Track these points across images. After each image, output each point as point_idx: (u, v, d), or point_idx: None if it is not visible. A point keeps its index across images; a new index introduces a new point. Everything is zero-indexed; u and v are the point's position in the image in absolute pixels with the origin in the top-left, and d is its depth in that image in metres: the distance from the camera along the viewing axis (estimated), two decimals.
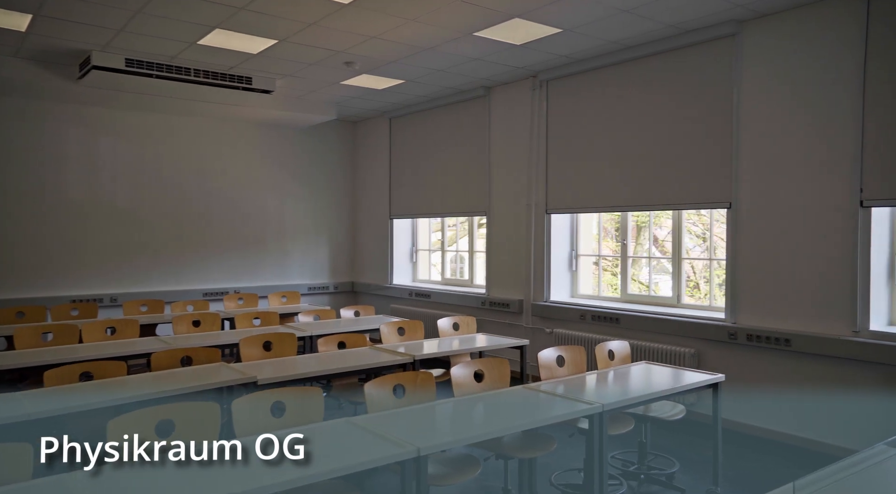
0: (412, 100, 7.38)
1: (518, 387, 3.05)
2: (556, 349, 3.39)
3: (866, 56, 3.91)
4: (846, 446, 4.04)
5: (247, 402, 2.33)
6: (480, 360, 3.07)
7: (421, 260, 8.32)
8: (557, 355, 3.38)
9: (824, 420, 4.15)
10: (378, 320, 5.53)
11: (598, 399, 2.81)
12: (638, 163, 5.27)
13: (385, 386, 2.72)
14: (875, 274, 3.99)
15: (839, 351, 4.03)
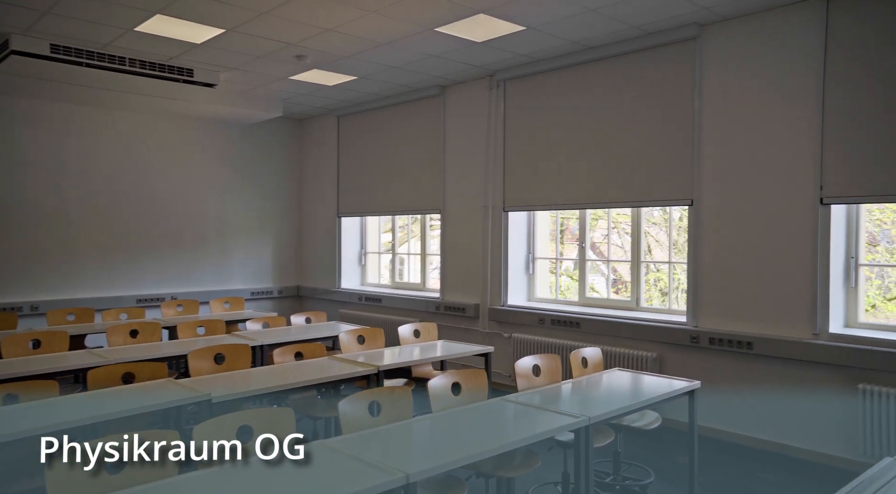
0: (363, 97, 7.13)
1: (497, 399, 2.89)
2: (534, 357, 3.26)
3: (825, 59, 3.98)
4: (809, 449, 4.10)
5: (210, 428, 2.06)
6: (458, 372, 2.90)
7: (370, 263, 8.06)
8: (534, 364, 3.24)
9: (787, 422, 4.20)
10: (331, 327, 5.27)
11: (583, 411, 2.68)
12: (599, 161, 5.23)
13: (359, 402, 2.50)
14: (833, 275, 4.07)
15: (800, 354, 4.08)
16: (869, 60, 3.84)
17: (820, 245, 4.04)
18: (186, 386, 3.07)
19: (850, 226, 4.13)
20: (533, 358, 3.25)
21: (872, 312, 4.26)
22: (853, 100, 3.90)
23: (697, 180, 4.60)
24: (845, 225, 4.13)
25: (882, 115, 3.79)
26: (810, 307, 4.09)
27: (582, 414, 2.62)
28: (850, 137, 3.91)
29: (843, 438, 3.95)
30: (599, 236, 5.90)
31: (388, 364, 3.72)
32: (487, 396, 2.95)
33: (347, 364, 3.73)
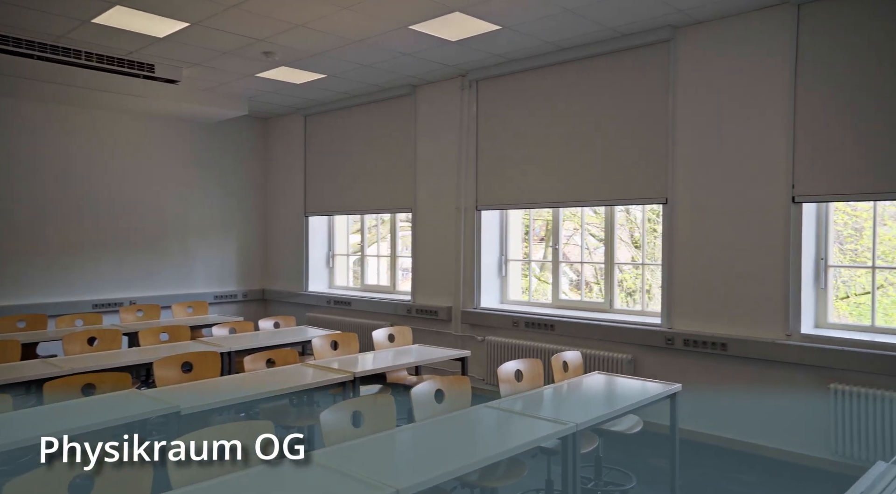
0: (332, 96, 6.98)
1: (481, 406, 2.81)
2: (516, 362, 3.19)
3: (796, 62, 4.04)
4: (782, 448, 4.14)
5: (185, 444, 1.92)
6: (442, 379, 2.81)
7: (338, 265, 7.91)
8: (517, 368, 3.18)
9: (760, 422, 4.24)
10: (302, 332, 5.12)
11: (570, 417, 2.63)
12: (573, 161, 5.22)
13: (341, 412, 2.39)
14: (804, 276, 4.12)
15: (773, 355, 4.12)
16: (838, 63, 3.91)
17: (792, 245, 4.09)
18: (153, 397, 2.90)
19: (820, 227, 4.20)
20: (515, 363, 3.19)
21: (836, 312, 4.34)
22: (823, 100, 3.96)
23: (672, 179, 4.62)
24: (815, 225, 4.19)
25: (851, 116, 3.86)
26: (783, 307, 4.14)
27: (569, 421, 2.56)
28: (821, 137, 3.97)
29: (816, 437, 4.01)
30: (565, 238, 5.88)
31: (364, 370, 3.61)
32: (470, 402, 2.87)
33: (322, 370, 3.60)
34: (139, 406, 2.74)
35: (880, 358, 3.73)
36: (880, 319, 4.12)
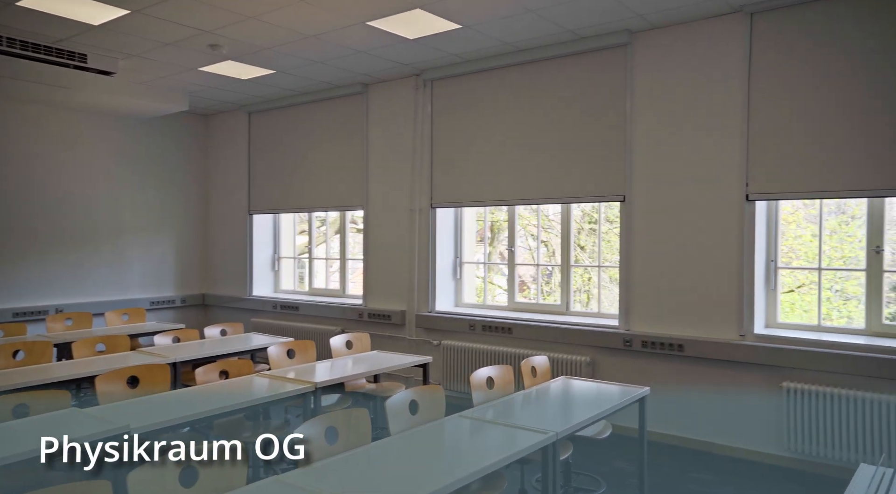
0: (279, 93, 6.73)
1: (455, 416, 2.71)
2: (489, 369, 3.11)
3: (750, 67, 4.15)
4: (737, 446, 4.24)
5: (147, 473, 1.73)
6: (415, 390, 2.69)
7: (284, 268, 7.63)
8: (488, 375, 3.10)
9: (716, 422, 4.32)
10: (250, 339, 4.88)
11: (547, 425, 2.57)
12: (530, 159, 5.19)
13: (314, 428, 2.23)
14: (756, 276, 4.23)
15: (728, 355, 4.22)
16: (789, 68, 4.04)
17: (745, 245, 4.20)
18: (97, 417, 2.65)
19: (770, 229, 4.32)
20: (487, 370, 3.11)
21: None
22: (775, 103, 4.08)
23: (629, 177, 4.66)
24: (766, 228, 4.31)
25: (801, 119, 4.00)
26: (737, 308, 4.24)
27: (549, 430, 2.50)
28: (773, 139, 4.09)
29: (769, 435, 4.12)
30: (515, 239, 5.87)
31: (325, 380, 3.45)
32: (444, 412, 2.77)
33: (280, 381, 3.42)
34: (83, 427, 2.49)
35: (829, 357, 3.86)
36: (799, 317, 4.29)
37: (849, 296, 4.29)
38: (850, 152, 3.84)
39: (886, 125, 3.72)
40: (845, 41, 3.84)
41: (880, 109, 3.74)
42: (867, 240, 4.03)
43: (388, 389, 4.16)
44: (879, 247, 3.97)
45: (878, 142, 3.75)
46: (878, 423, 3.68)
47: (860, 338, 3.96)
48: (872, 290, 4.00)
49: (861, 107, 3.80)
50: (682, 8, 4.18)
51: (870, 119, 3.77)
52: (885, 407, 3.66)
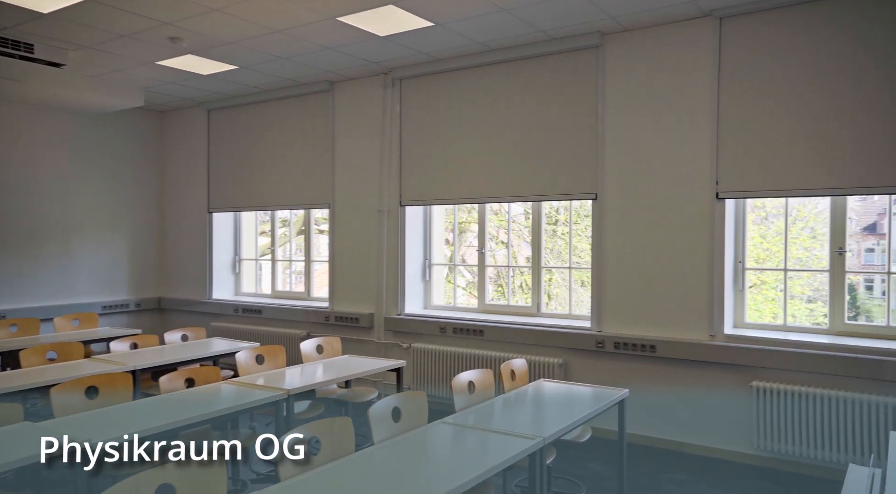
0: (240, 90, 6.52)
1: (438, 423, 2.64)
2: (470, 373, 3.05)
3: (720, 69, 4.20)
4: (707, 445, 4.29)
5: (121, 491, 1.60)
6: (398, 396, 2.60)
7: (246, 270, 7.40)
8: (469, 380, 3.03)
9: (687, 422, 4.36)
10: (214, 345, 4.69)
11: (533, 430, 2.52)
12: (502, 158, 5.16)
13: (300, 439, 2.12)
14: (726, 277, 4.29)
15: (699, 355, 4.26)
16: (757, 71, 4.11)
17: (715, 245, 4.25)
18: (55, 431, 2.46)
19: (738, 229, 4.39)
20: (469, 374, 3.04)
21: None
22: (744, 105, 4.15)
23: (601, 176, 4.67)
24: (734, 229, 4.37)
25: (769, 119, 4.07)
26: (707, 308, 4.29)
27: (535, 435, 2.45)
28: (743, 139, 4.15)
29: (740, 434, 4.18)
30: (469, 240, 5.84)
31: (298, 387, 3.32)
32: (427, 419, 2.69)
33: (249, 389, 3.27)
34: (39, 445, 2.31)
35: (796, 356, 3.94)
36: (752, 316, 4.38)
37: (793, 295, 4.40)
38: (815, 153, 3.93)
39: (850, 126, 3.82)
40: (811, 46, 3.93)
41: (845, 111, 3.83)
42: (830, 241, 4.13)
43: (361, 394, 4.05)
44: (842, 249, 4.07)
45: (843, 143, 3.85)
46: (845, 421, 3.77)
47: (824, 338, 4.06)
48: (836, 291, 4.10)
49: (826, 110, 3.89)
50: (654, 10, 4.21)
51: (835, 120, 3.87)
52: (850, 405, 3.75)
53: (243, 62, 5.50)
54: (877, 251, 4.29)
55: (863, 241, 4.32)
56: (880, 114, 3.73)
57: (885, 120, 3.72)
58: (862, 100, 3.78)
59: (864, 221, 4.32)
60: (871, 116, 3.76)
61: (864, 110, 3.77)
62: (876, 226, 4.32)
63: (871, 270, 4.15)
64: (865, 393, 3.75)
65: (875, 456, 3.48)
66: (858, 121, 3.80)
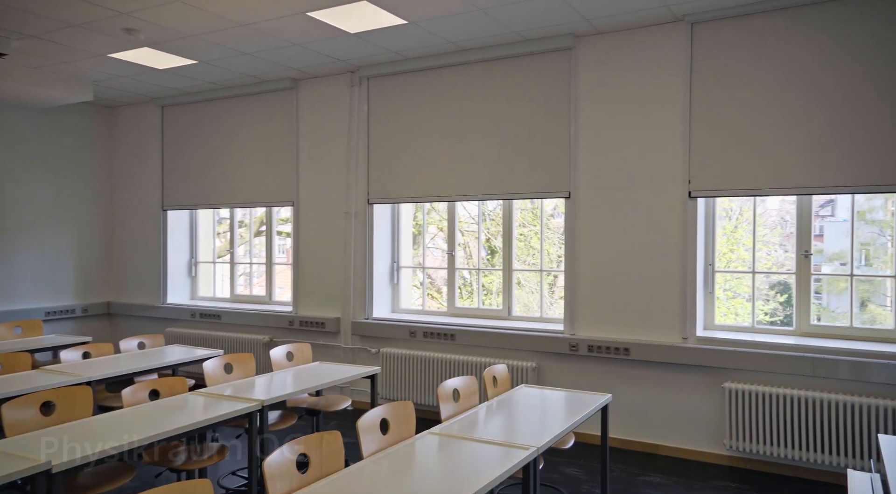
0: (198, 86, 6.26)
1: (426, 434, 2.54)
2: (455, 381, 2.96)
3: (691, 70, 4.25)
4: (680, 446, 4.32)
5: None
6: (385, 407, 2.49)
7: (203, 273, 7.12)
8: (454, 388, 2.94)
9: (661, 424, 4.39)
10: (173, 352, 4.45)
11: (524, 439, 2.46)
12: (473, 157, 5.09)
13: (285, 455, 1.99)
14: (698, 279, 4.34)
15: (672, 357, 4.29)
16: (728, 74, 4.16)
17: (687, 246, 4.29)
18: (7, 453, 2.26)
19: (708, 233, 4.44)
20: (454, 382, 2.95)
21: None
22: (715, 107, 4.20)
23: (574, 175, 4.66)
24: (704, 231, 4.42)
25: (740, 120, 4.13)
26: (680, 310, 4.32)
27: (529, 445, 2.38)
28: (713, 140, 4.20)
29: (713, 435, 4.23)
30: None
31: (272, 397, 3.16)
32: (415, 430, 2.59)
33: (219, 399, 3.09)
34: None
35: (766, 357, 4.01)
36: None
37: (737, 294, 4.51)
38: (784, 153, 4.01)
39: (817, 128, 3.91)
40: (779, 51, 4.01)
41: (813, 113, 3.92)
42: (797, 243, 4.22)
43: (333, 402, 3.91)
44: (808, 252, 4.17)
45: (810, 144, 3.93)
46: (815, 420, 3.85)
47: (792, 339, 4.14)
48: (802, 292, 4.20)
49: (795, 111, 3.97)
50: (629, 14, 4.22)
51: (802, 122, 3.95)
52: (819, 405, 3.84)
53: (204, 57, 5.27)
54: (814, 253, 4.43)
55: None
56: (843, 116, 3.83)
57: (848, 122, 3.82)
58: (826, 103, 3.88)
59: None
60: (835, 118, 3.86)
61: (829, 112, 3.87)
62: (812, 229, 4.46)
63: (836, 273, 4.27)
64: (834, 392, 3.84)
65: (874, 460, 3.56)
66: (823, 123, 3.89)
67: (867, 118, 3.78)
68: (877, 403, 3.69)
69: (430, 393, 5.15)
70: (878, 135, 3.75)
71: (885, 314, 4.10)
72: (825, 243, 4.34)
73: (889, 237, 4.10)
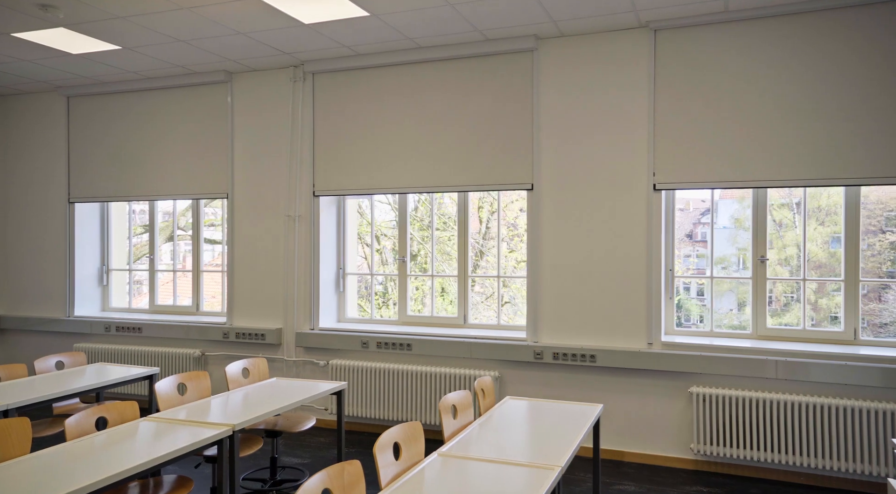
0: (115, 75, 5.67)
1: (435, 456, 2.32)
2: (452, 396, 2.75)
3: (655, 74, 4.30)
4: (648, 452, 4.33)
5: None
6: (397, 429, 2.24)
7: (116, 281, 6.44)
8: (452, 404, 2.73)
9: (629, 431, 4.38)
10: (104, 372, 3.93)
11: (545, 459, 2.30)
12: (429, 149, 4.90)
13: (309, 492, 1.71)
14: (661, 284, 4.38)
15: (638, 363, 4.29)
16: (689, 77, 4.24)
17: (651, 252, 4.32)
18: None
19: (668, 240, 4.51)
20: (452, 398, 2.75)
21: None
22: (678, 106, 4.26)
23: (537, 170, 4.59)
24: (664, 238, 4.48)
25: (701, 117, 4.21)
26: (644, 316, 4.34)
27: (552, 464, 2.23)
28: (676, 135, 4.26)
29: (680, 440, 4.26)
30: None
31: (245, 420, 2.82)
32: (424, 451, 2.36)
33: (180, 425, 2.71)
34: None
35: (729, 361, 4.09)
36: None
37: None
38: (742, 149, 4.13)
39: (771, 127, 4.06)
40: (738, 58, 4.14)
41: (767, 113, 4.07)
42: (752, 249, 4.37)
43: (298, 421, 3.58)
44: (764, 257, 4.32)
45: (764, 141, 4.07)
46: (779, 421, 3.96)
47: (748, 342, 4.27)
48: (758, 297, 4.34)
49: (751, 111, 4.10)
50: (596, 17, 4.20)
51: (758, 122, 4.09)
52: (782, 406, 3.96)
53: (130, 42, 4.75)
54: (693, 256, 4.66)
55: (682, 248, 4.66)
56: (795, 116, 4.00)
57: (798, 122, 4.00)
58: (779, 103, 4.04)
59: (685, 228, 4.67)
60: (787, 118, 4.02)
61: (781, 113, 4.03)
62: (692, 233, 4.70)
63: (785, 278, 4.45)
64: (795, 394, 3.98)
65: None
66: (777, 122, 4.05)
67: (815, 119, 3.96)
68: (835, 403, 3.85)
69: (392, 407, 4.89)
70: (822, 134, 3.94)
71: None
72: (707, 248, 4.53)
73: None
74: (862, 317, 4.17)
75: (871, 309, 4.23)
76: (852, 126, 3.90)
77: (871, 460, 3.78)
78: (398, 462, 2.19)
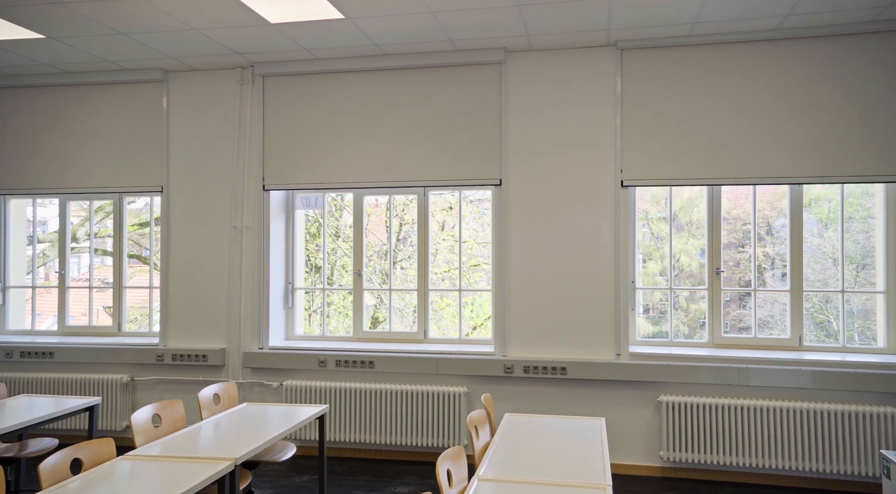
0: (32, 68, 5.05)
1: (479, 483, 2.18)
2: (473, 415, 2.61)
3: (622, 85, 4.43)
4: (625, 462, 4.39)
5: None
6: (447, 457, 2.08)
7: (14, 299, 5.69)
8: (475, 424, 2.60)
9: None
10: (32, 406, 3.42)
11: (589, 477, 2.24)
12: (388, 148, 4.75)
13: None
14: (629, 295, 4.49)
15: (608, 374, 4.36)
16: (653, 90, 4.40)
17: (619, 266, 4.42)
18: None
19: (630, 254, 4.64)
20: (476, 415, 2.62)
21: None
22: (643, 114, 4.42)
23: (505, 165, 4.57)
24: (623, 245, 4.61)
25: (664, 124, 4.39)
26: (612, 327, 4.42)
27: (599, 483, 2.17)
28: (641, 141, 4.41)
29: (650, 448, 4.35)
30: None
31: (246, 452, 2.53)
32: None
33: (167, 463, 2.39)
34: None
35: (694, 370, 4.25)
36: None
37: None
38: (704, 148, 4.34)
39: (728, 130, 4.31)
40: (700, 75, 4.36)
41: (726, 116, 4.31)
42: (708, 262, 4.59)
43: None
44: (719, 270, 4.56)
45: (723, 143, 4.31)
46: (743, 426, 4.15)
47: (706, 350, 4.46)
48: (714, 307, 4.56)
49: (714, 119, 4.33)
50: (568, 34, 4.26)
51: (721, 125, 4.32)
52: (746, 412, 4.15)
53: (57, 32, 4.24)
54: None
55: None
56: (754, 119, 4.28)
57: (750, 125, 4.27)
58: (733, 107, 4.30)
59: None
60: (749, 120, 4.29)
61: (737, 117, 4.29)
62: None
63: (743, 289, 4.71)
64: (756, 399, 4.19)
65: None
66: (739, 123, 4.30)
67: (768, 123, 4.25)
68: (793, 406, 4.10)
69: (360, 429, 4.63)
70: (774, 136, 4.24)
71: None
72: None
73: None
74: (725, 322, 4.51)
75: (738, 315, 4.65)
76: (793, 136, 4.22)
77: (833, 459, 4.04)
78: (452, 491, 2.04)
